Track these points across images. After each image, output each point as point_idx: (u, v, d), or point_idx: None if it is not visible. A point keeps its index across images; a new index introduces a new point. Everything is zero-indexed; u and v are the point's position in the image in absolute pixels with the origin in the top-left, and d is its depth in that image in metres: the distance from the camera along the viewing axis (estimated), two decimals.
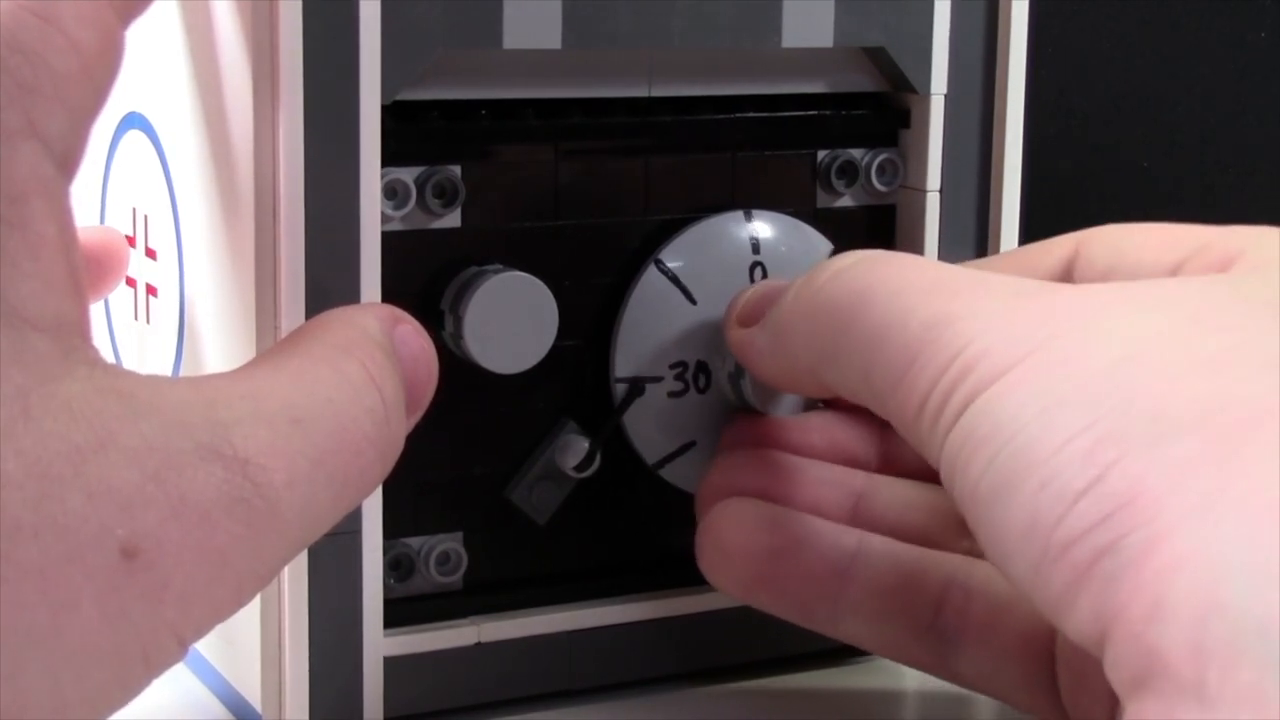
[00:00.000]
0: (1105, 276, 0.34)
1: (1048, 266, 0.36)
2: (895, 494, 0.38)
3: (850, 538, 0.37)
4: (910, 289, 0.30)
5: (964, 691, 0.38)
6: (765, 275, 0.39)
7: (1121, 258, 0.34)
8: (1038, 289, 0.30)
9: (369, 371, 0.30)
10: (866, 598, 0.36)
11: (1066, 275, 0.35)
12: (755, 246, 0.39)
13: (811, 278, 0.33)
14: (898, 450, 0.39)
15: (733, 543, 0.37)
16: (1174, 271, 0.33)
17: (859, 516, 0.38)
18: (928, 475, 0.37)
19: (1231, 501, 0.24)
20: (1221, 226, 0.33)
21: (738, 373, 0.38)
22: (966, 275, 0.31)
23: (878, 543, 0.37)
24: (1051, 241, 0.37)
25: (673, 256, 0.38)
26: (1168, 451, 0.25)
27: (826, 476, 0.38)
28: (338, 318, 0.31)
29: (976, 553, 0.36)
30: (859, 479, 0.38)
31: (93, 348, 0.27)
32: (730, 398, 0.39)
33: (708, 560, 0.37)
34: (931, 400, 0.29)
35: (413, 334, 0.32)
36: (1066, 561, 0.25)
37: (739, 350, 0.36)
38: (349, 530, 0.35)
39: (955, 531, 0.37)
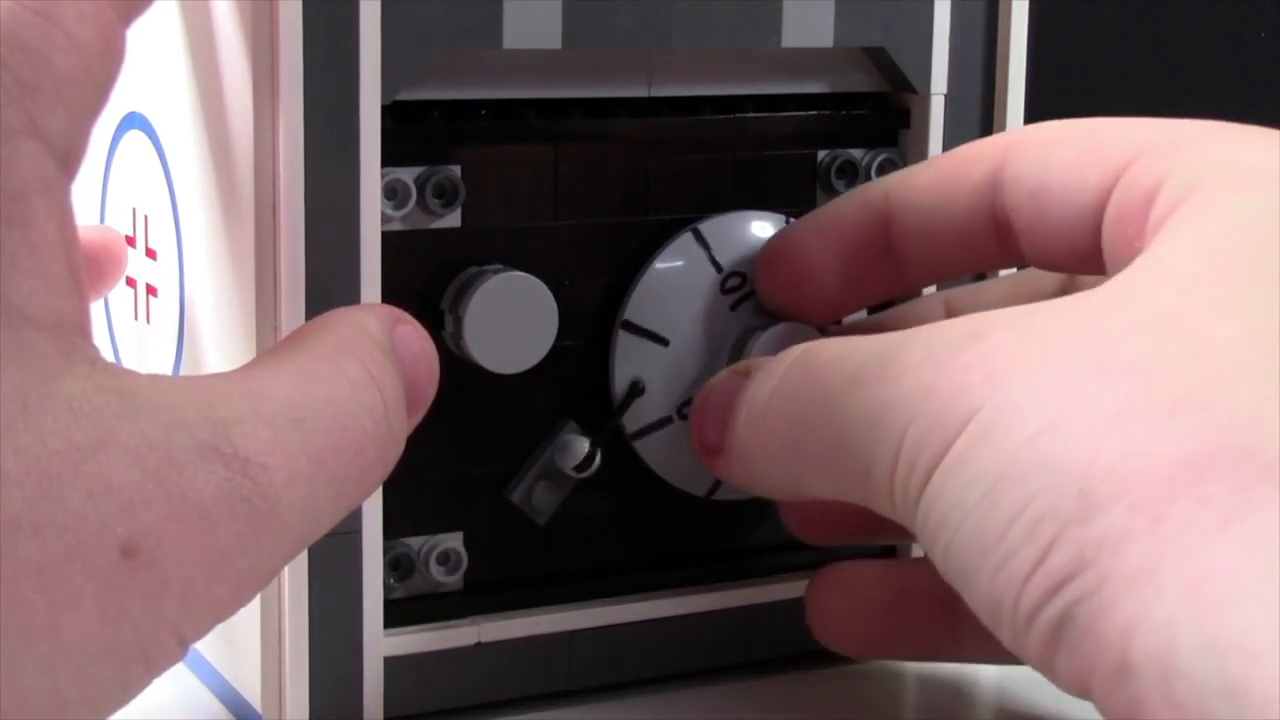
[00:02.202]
0: (1033, 200, 0.34)
1: (974, 183, 0.35)
2: None
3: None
4: (841, 386, 0.31)
5: (964, 692, 0.38)
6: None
7: (1047, 179, 0.34)
8: (949, 346, 0.29)
9: (369, 371, 0.30)
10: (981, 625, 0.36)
11: (994, 190, 0.35)
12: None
13: (752, 401, 0.33)
14: None
15: (841, 609, 0.37)
16: (1100, 198, 0.33)
17: None
18: None
19: (1168, 571, 0.24)
20: (1149, 126, 0.33)
21: None
22: (884, 351, 0.30)
23: None
24: (976, 150, 0.36)
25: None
26: (1099, 523, 0.25)
27: None
28: (338, 318, 0.31)
29: None
30: None
31: (93, 346, 0.27)
32: None
33: (822, 631, 0.38)
34: (895, 494, 0.29)
35: (413, 334, 0.32)
36: (1033, 633, 0.26)
37: (718, 476, 0.36)
38: (349, 530, 0.35)
39: None
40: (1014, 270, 0.40)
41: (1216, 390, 0.26)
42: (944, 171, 0.36)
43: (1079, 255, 0.34)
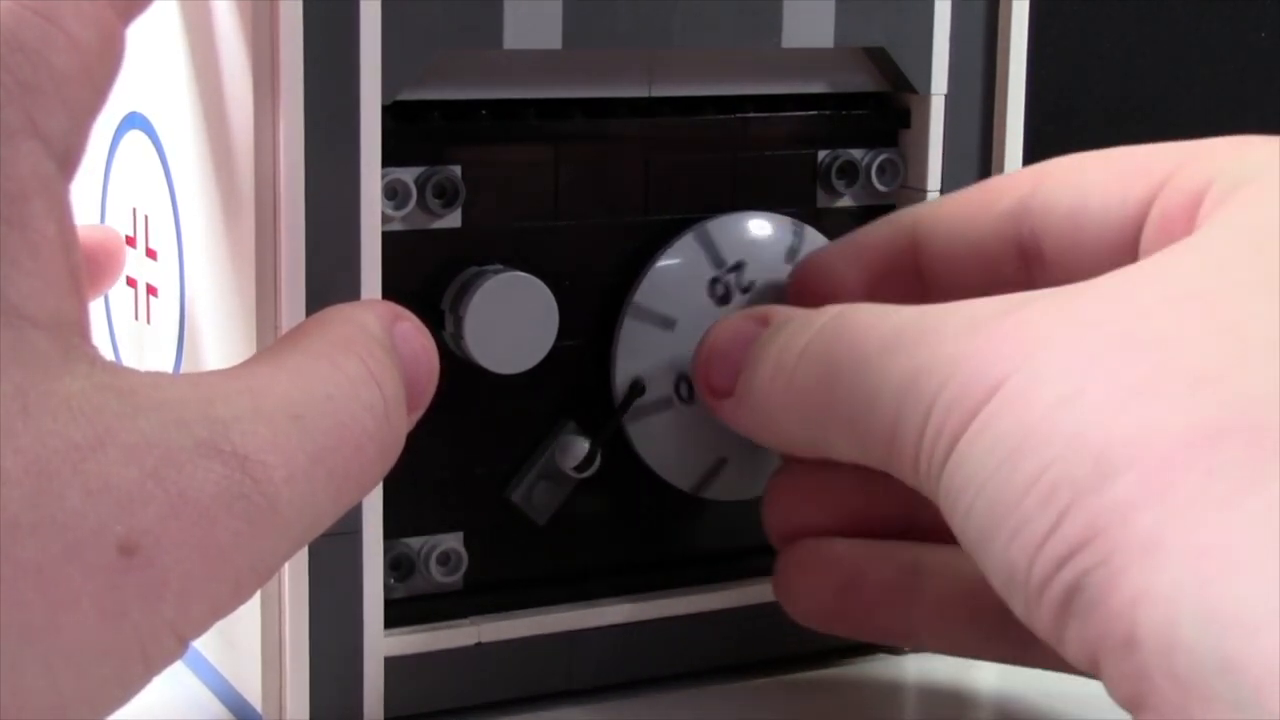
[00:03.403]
0: (1070, 219, 0.34)
1: (1002, 210, 0.36)
2: None
3: (906, 554, 0.37)
4: (875, 350, 0.31)
5: (963, 691, 0.38)
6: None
7: (1084, 199, 0.34)
8: (989, 318, 0.30)
9: (369, 367, 0.30)
10: (935, 610, 0.37)
11: (1023, 216, 0.35)
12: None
13: (781, 354, 0.33)
14: None
15: (800, 588, 0.38)
16: (1142, 210, 0.33)
17: (915, 525, 0.38)
18: None
19: (1174, 542, 0.25)
20: (1187, 144, 0.33)
21: None
22: (924, 318, 0.31)
23: (934, 554, 0.37)
24: (1007, 179, 0.37)
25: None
26: (1111, 492, 0.26)
27: (878, 487, 0.38)
28: (337, 315, 0.31)
29: None
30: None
31: (92, 346, 0.27)
32: None
33: (785, 604, 0.38)
34: (921, 459, 0.30)
35: (413, 331, 0.32)
36: (1045, 602, 0.26)
37: (721, 419, 0.36)
38: (349, 530, 0.35)
39: None
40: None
41: (1237, 366, 0.26)
42: (972, 200, 0.37)
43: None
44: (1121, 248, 0.33)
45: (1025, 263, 0.36)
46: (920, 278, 0.37)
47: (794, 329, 0.34)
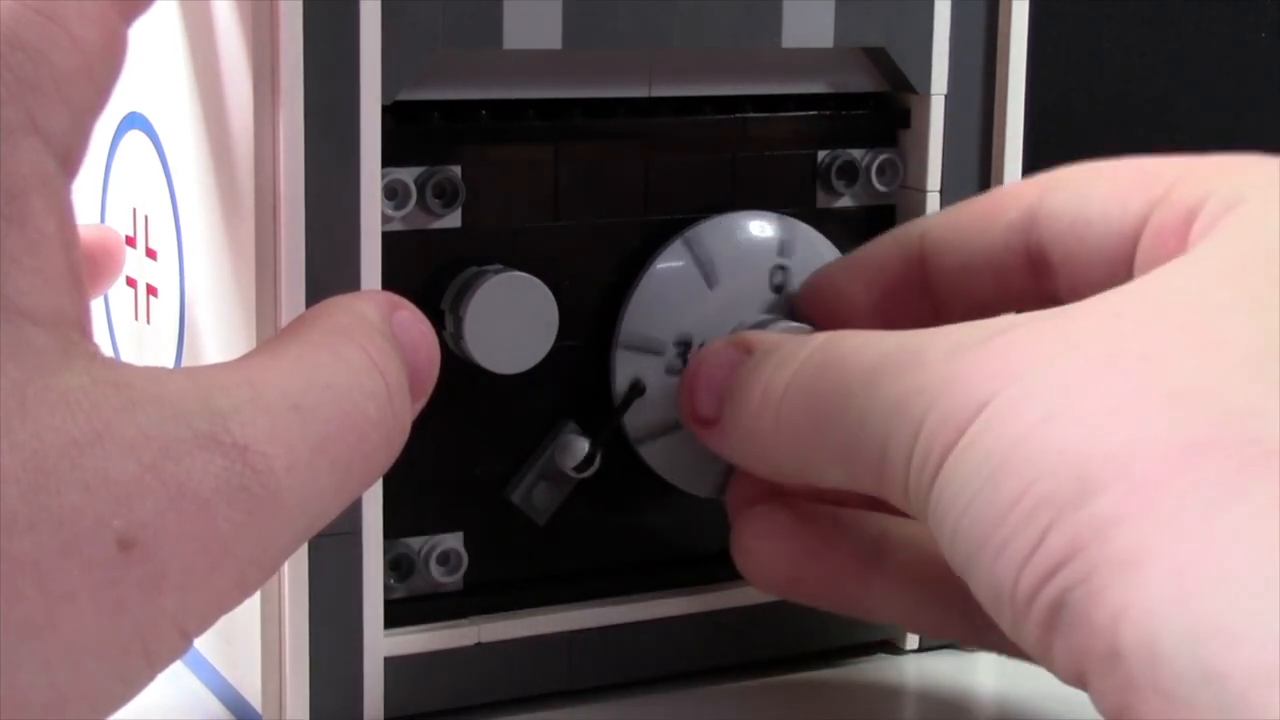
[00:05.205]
0: (1073, 230, 0.34)
1: (1009, 220, 0.36)
2: None
3: (873, 525, 0.37)
4: (862, 377, 0.31)
5: (964, 691, 0.38)
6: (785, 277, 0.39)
7: (1086, 209, 0.34)
8: (975, 341, 0.30)
9: (370, 355, 0.30)
10: (896, 584, 0.37)
11: (1030, 226, 0.35)
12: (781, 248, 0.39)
13: (767, 386, 0.33)
14: None
15: (761, 550, 0.37)
16: (1140, 222, 0.33)
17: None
18: None
19: (1156, 556, 0.25)
20: (1189, 160, 0.33)
21: None
22: (909, 343, 0.31)
23: (902, 527, 0.37)
24: (1013, 189, 0.37)
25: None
26: (1093, 508, 0.26)
27: None
28: (336, 305, 0.31)
29: None
30: None
31: (92, 343, 0.27)
32: None
33: (742, 566, 0.38)
34: (910, 481, 0.30)
35: (411, 319, 0.32)
36: (1031, 618, 0.27)
37: (708, 447, 0.36)
38: (349, 530, 0.35)
39: None
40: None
41: (1220, 381, 0.26)
42: (979, 211, 0.37)
43: (1117, 283, 0.34)
44: (1122, 259, 0.34)
45: (1034, 273, 0.36)
46: (928, 292, 0.37)
47: (779, 359, 0.34)
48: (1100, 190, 0.34)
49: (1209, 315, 0.28)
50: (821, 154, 0.41)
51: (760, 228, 0.39)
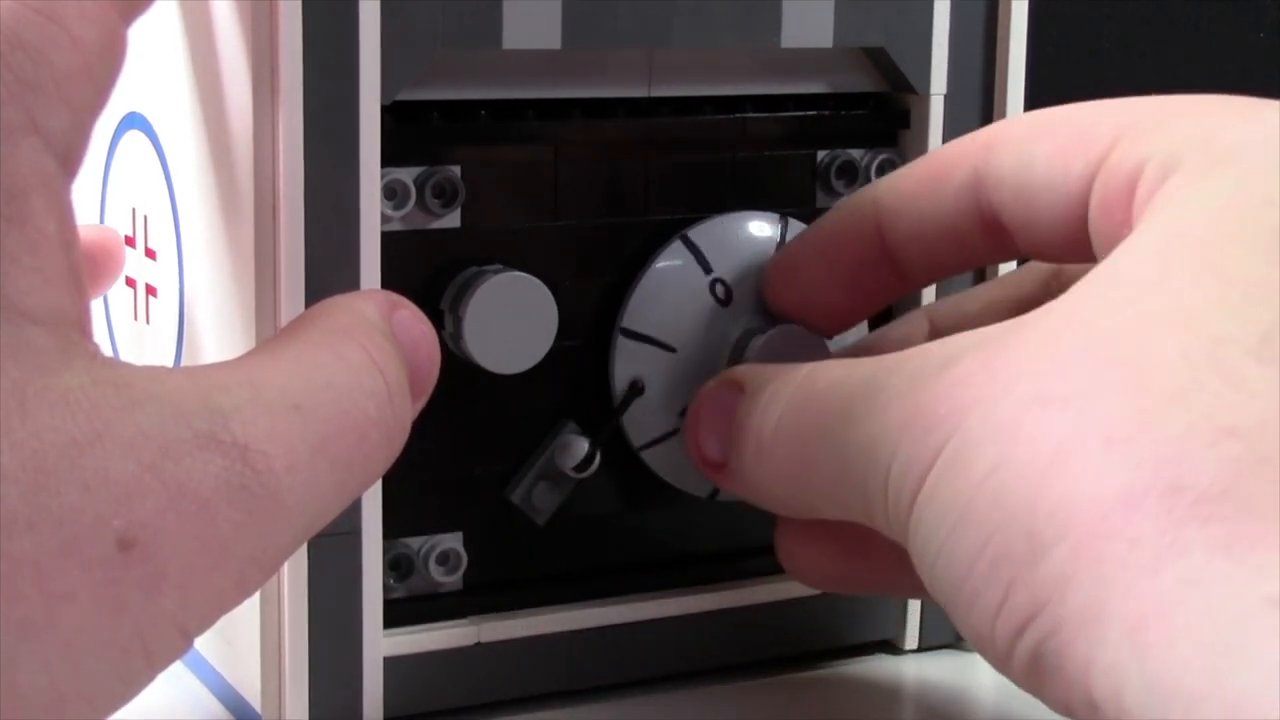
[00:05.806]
0: (1019, 194, 0.34)
1: (958, 183, 0.35)
2: None
3: None
4: (837, 421, 0.31)
5: (963, 691, 0.38)
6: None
7: (1030, 174, 0.34)
8: (926, 377, 0.30)
9: (370, 354, 0.30)
10: None
11: (978, 187, 0.35)
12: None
13: (759, 431, 0.34)
14: None
15: (805, 554, 0.37)
16: (1084, 184, 0.33)
17: None
18: None
19: (1110, 613, 0.25)
20: (1124, 109, 0.33)
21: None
22: (874, 378, 0.31)
23: None
24: (957, 149, 0.36)
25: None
26: (1046, 567, 0.26)
27: None
28: (335, 305, 0.31)
29: None
30: None
31: (92, 342, 0.27)
32: None
33: (790, 570, 0.38)
34: (891, 523, 0.30)
35: (411, 318, 0.32)
36: (1014, 665, 0.27)
37: (721, 488, 0.36)
38: (348, 530, 0.35)
39: None
40: (1002, 269, 0.40)
41: (1146, 422, 0.26)
42: (927, 175, 0.36)
43: (1072, 245, 0.34)
44: (1073, 221, 0.33)
45: (990, 234, 0.35)
46: (889, 257, 0.37)
47: (767, 400, 0.34)
48: (1041, 152, 0.34)
49: (1133, 341, 0.27)
50: (821, 154, 0.41)
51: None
